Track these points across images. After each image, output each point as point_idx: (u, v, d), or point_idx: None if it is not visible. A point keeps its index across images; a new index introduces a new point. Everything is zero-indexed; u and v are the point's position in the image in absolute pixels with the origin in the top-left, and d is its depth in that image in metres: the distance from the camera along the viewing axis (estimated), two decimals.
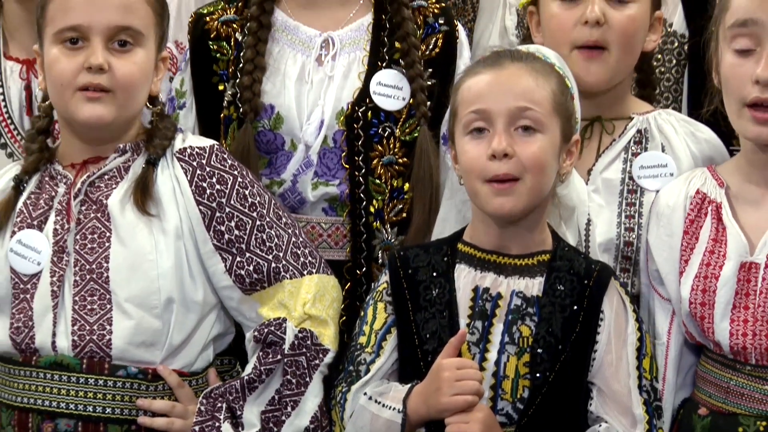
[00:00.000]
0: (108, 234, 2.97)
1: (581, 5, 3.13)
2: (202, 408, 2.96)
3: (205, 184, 2.99)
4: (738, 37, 2.91)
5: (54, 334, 2.93)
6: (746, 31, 2.90)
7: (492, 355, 2.87)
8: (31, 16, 3.27)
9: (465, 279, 2.94)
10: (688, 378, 3.07)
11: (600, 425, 2.88)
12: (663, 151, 3.18)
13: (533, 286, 2.92)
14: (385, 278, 3.03)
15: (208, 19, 3.31)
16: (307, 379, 2.99)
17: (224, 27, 3.32)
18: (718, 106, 3.06)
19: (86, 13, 2.97)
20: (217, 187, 3.00)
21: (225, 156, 3.03)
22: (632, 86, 3.32)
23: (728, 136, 3.19)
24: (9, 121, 3.45)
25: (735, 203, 3.01)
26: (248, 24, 3.30)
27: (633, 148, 3.19)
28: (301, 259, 3.03)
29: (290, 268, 3.01)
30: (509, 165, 2.85)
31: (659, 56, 3.54)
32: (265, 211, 3.02)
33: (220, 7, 3.36)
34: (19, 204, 3.07)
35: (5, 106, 3.45)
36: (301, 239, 3.05)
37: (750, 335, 2.91)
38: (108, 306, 2.93)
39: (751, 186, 3.01)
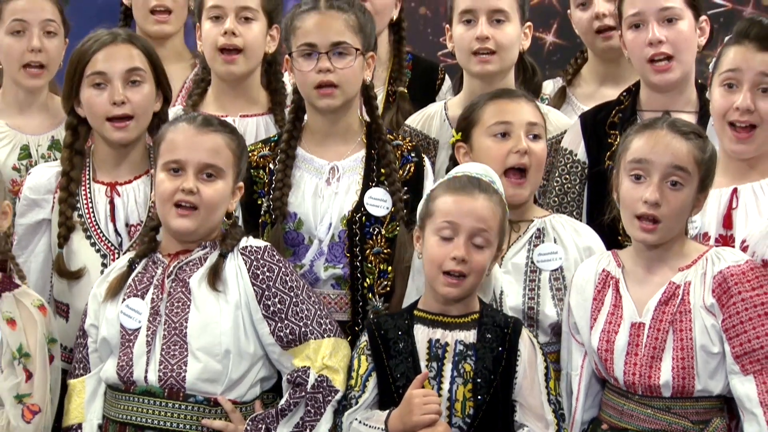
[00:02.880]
0: (188, 303, 3.22)
1: (510, 141, 3.40)
2: (248, 428, 3.20)
3: (258, 272, 3.23)
4: (634, 169, 3.16)
5: (146, 371, 3.21)
6: (640, 166, 3.15)
7: (446, 386, 3.16)
8: (114, 152, 3.55)
9: (422, 334, 3.20)
10: (596, 401, 3.28)
11: (522, 429, 3.17)
12: (555, 242, 3.40)
13: (470, 335, 3.19)
14: (364, 338, 3.24)
15: (250, 154, 3.51)
16: (322, 410, 3.21)
17: (261, 159, 3.56)
18: (616, 215, 3.29)
19: (185, 152, 3.24)
20: (267, 274, 3.23)
21: (274, 253, 3.27)
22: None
23: (616, 233, 3.43)
24: (97, 227, 3.52)
25: (628, 279, 3.22)
26: (278, 156, 3.53)
27: (534, 241, 3.42)
28: (323, 326, 3.24)
29: (315, 331, 3.23)
30: (463, 266, 3.15)
31: (567, 176, 3.66)
32: (299, 292, 3.25)
33: (258, 146, 3.59)
34: (130, 280, 3.28)
35: (94, 216, 3.53)
36: (324, 312, 3.27)
37: (638, 374, 3.15)
38: (185, 353, 3.21)
39: (639, 268, 3.22)
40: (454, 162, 3.58)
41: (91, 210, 3.55)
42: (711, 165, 3.20)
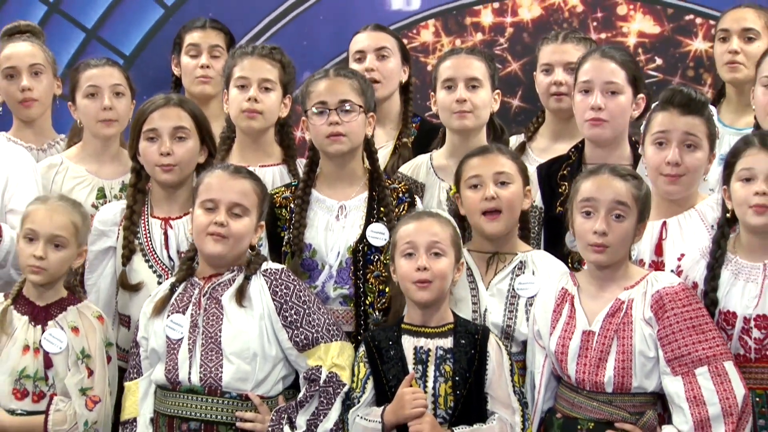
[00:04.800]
0: (221, 316, 3.24)
1: (481, 190, 3.39)
2: (274, 417, 3.22)
3: (277, 289, 3.25)
4: (584, 207, 3.18)
5: (189, 373, 3.24)
6: (588, 204, 3.17)
7: (430, 384, 3.18)
8: (166, 193, 3.57)
9: (408, 343, 3.21)
10: (554, 394, 3.27)
11: (494, 415, 3.18)
12: (533, 273, 3.38)
13: (447, 342, 3.20)
14: (362, 349, 3.25)
15: (275, 196, 3.54)
16: (333, 401, 3.22)
17: (284, 200, 3.55)
18: (569, 251, 3.35)
19: (219, 192, 3.27)
20: (284, 290, 3.25)
21: (289, 274, 3.30)
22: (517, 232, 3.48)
23: (568, 264, 3.43)
24: (154, 253, 3.54)
25: (582, 295, 3.22)
26: (296, 199, 3.54)
27: (516, 272, 3.40)
28: (331, 332, 3.26)
29: (325, 336, 3.24)
30: (426, 274, 3.17)
31: (526, 218, 3.54)
32: (311, 304, 3.27)
33: (282, 189, 3.60)
34: (172, 299, 3.31)
35: (151, 244, 3.55)
36: (332, 320, 3.29)
37: (587, 373, 3.17)
38: (220, 357, 3.22)
39: (592, 286, 3.23)
40: (455, 205, 3.58)
41: (149, 239, 3.57)
42: (647, 200, 3.21)
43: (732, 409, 3.03)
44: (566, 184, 3.63)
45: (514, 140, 4.16)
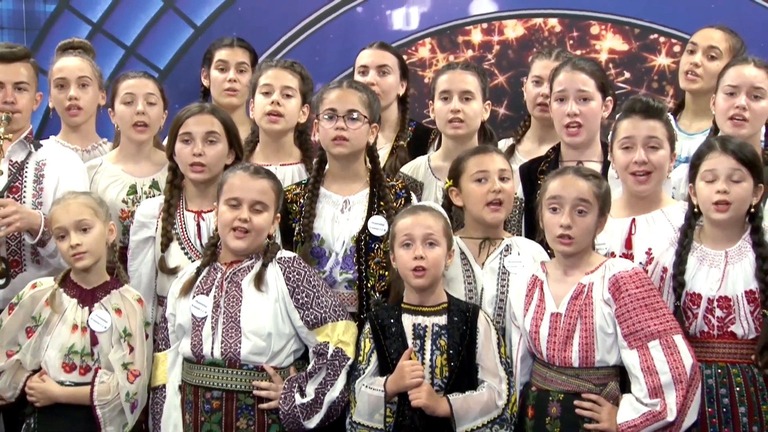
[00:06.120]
0: (241, 299, 3.25)
1: (488, 184, 3.39)
2: (286, 386, 3.24)
3: (291, 275, 3.26)
4: (551, 204, 3.19)
5: (212, 348, 3.25)
6: (555, 200, 3.18)
7: (427, 357, 3.18)
8: (198, 190, 3.58)
9: (407, 321, 3.22)
10: (529, 371, 3.27)
11: (483, 383, 3.18)
12: (519, 255, 3.39)
13: (442, 319, 3.21)
14: (367, 326, 3.26)
15: (287, 192, 3.54)
16: (339, 373, 3.23)
17: (295, 196, 3.56)
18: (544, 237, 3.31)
19: (241, 191, 3.27)
20: (296, 276, 3.26)
21: (300, 261, 3.31)
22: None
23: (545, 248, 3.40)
24: (189, 242, 3.55)
25: (550, 281, 3.22)
26: (306, 194, 3.55)
27: (504, 253, 3.40)
28: (337, 312, 3.27)
29: (332, 316, 3.25)
30: (422, 262, 3.18)
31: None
32: (320, 288, 3.27)
33: (293, 186, 3.60)
34: (197, 282, 3.31)
35: (186, 234, 3.56)
36: (338, 302, 3.30)
37: (556, 350, 3.18)
38: (239, 335, 3.23)
39: (559, 272, 3.23)
40: (448, 200, 3.57)
41: (184, 229, 3.58)
42: (606, 197, 3.22)
43: (681, 377, 3.05)
44: (544, 178, 3.53)
45: (503, 143, 4.16)
